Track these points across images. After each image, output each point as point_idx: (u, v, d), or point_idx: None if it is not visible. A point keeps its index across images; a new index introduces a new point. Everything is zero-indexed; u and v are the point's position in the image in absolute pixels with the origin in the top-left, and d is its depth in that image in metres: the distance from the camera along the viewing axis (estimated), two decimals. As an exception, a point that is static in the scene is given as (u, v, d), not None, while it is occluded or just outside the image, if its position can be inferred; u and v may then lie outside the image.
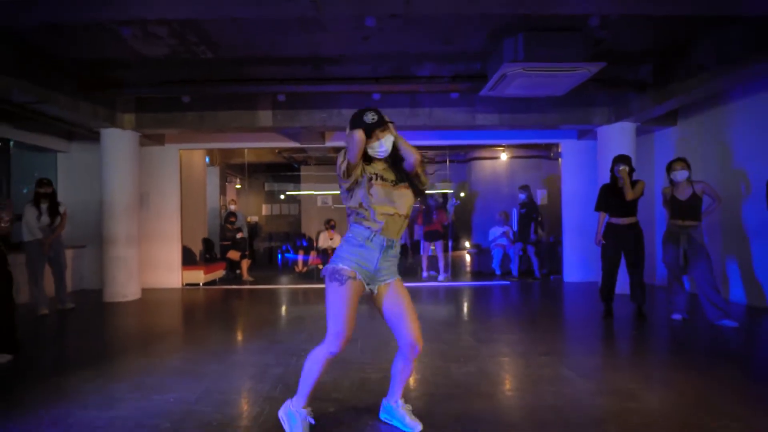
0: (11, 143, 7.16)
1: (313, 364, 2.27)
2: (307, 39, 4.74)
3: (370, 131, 2.21)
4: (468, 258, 10.72)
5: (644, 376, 3.17)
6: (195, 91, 6.02)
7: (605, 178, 6.54)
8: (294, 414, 2.32)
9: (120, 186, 6.65)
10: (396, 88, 5.86)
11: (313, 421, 2.35)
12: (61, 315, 5.62)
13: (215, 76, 5.74)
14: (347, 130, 2.26)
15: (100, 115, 6.14)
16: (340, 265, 2.22)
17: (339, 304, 2.19)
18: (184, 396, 2.89)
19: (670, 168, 4.84)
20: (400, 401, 2.46)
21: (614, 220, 5.01)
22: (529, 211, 8.35)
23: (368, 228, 2.23)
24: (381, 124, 2.23)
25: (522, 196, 8.49)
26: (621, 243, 4.96)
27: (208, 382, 3.15)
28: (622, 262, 5.02)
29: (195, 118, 6.61)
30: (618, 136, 6.62)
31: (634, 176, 5.04)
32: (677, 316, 4.85)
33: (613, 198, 5.00)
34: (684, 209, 4.76)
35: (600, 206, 5.15)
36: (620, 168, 4.89)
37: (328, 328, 2.21)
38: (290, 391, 2.94)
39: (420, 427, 2.38)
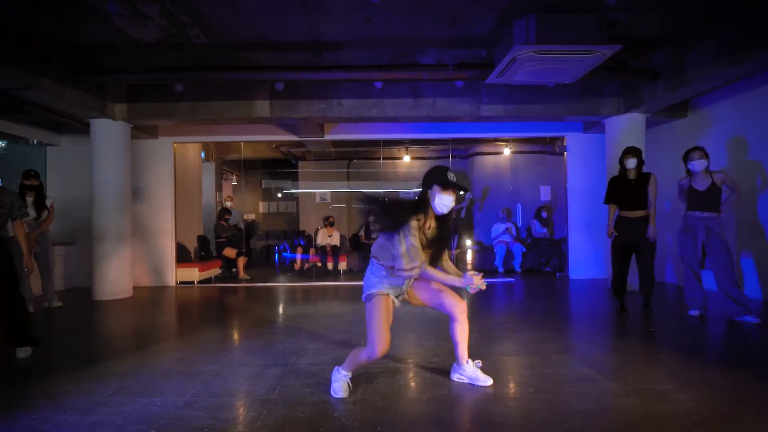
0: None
1: (355, 355, 2.65)
2: (306, 21, 4.48)
3: (449, 187, 2.54)
4: (470, 255, 10.48)
5: (670, 376, 2.94)
6: (188, 79, 5.75)
7: (614, 171, 6.34)
8: (336, 374, 2.71)
9: (111, 179, 6.37)
10: (398, 76, 5.61)
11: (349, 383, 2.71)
12: (47, 314, 5.35)
13: (209, 63, 5.48)
14: (426, 185, 2.62)
15: (88, 104, 5.87)
16: (373, 291, 2.62)
17: (375, 319, 2.54)
18: (173, 400, 2.63)
19: (687, 157, 4.61)
20: (470, 360, 2.85)
21: (624, 214, 4.82)
22: None
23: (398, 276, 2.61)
24: (458, 187, 2.57)
25: None
26: (632, 237, 4.75)
27: (200, 384, 2.89)
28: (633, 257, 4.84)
29: (189, 108, 6.35)
30: (627, 128, 6.40)
31: (644, 169, 4.87)
32: (695, 312, 4.62)
33: (622, 191, 4.81)
34: (703, 200, 4.53)
35: (608, 198, 4.97)
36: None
37: (368, 338, 2.56)
38: (289, 394, 2.71)
39: (491, 381, 2.79)
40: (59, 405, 2.58)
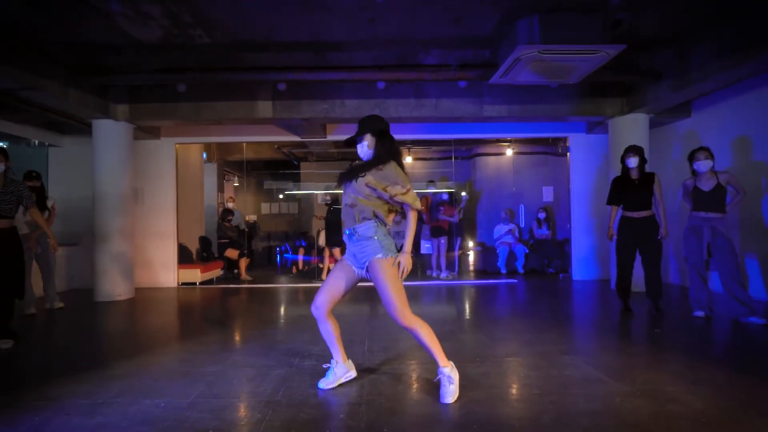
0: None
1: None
2: (309, 21, 4.47)
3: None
4: (471, 256, 10.46)
5: (677, 377, 2.91)
6: (191, 79, 5.74)
7: (617, 171, 6.31)
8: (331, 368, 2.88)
9: (113, 179, 6.36)
10: (401, 77, 5.60)
11: (329, 367, 2.89)
12: (49, 315, 5.34)
13: (211, 63, 5.48)
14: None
15: (91, 105, 5.86)
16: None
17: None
18: (176, 401, 2.62)
19: (692, 157, 4.59)
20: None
21: (629, 214, 4.77)
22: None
23: None
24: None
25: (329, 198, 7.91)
26: (636, 237, 4.71)
27: (203, 385, 2.87)
28: (638, 257, 4.80)
29: (191, 109, 6.34)
30: (631, 128, 6.38)
31: (647, 168, 4.84)
32: (700, 314, 4.60)
33: (626, 190, 4.77)
34: (708, 201, 4.51)
35: (612, 199, 4.91)
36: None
37: None
38: (294, 395, 2.68)
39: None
40: (61, 407, 2.56)
